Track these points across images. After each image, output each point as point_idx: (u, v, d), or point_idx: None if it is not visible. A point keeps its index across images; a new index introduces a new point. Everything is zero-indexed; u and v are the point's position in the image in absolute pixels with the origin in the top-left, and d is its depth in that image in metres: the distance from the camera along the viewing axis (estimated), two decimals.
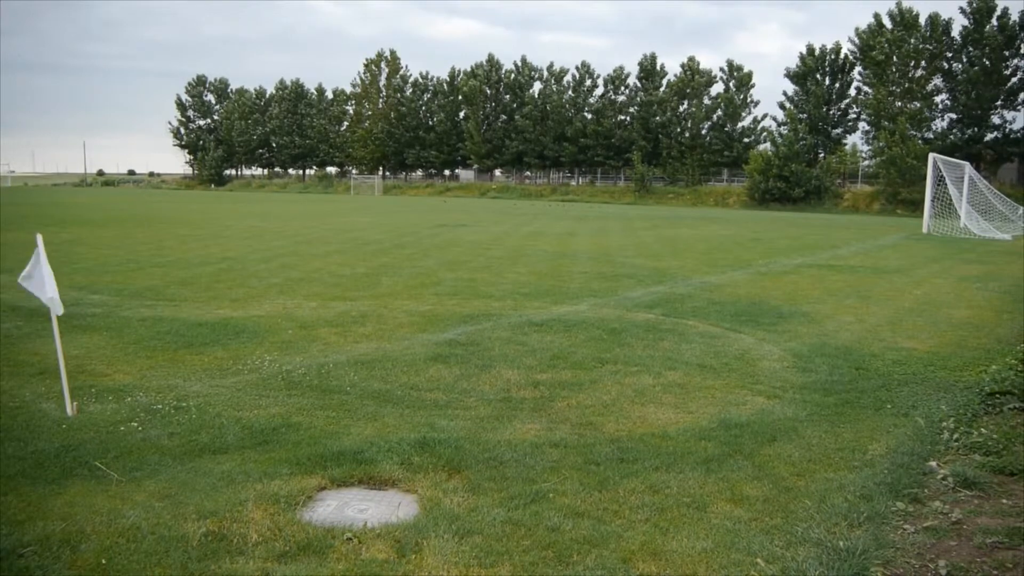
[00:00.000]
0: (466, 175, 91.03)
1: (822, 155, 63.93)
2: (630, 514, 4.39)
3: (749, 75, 70.24)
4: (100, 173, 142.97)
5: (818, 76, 64.06)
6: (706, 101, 70.95)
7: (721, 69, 70.98)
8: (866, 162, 65.82)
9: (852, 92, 64.14)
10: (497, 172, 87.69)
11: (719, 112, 70.46)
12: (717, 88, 71.04)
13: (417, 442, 5.39)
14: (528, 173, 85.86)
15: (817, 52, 64.21)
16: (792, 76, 65.19)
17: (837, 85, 64.38)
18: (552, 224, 31.73)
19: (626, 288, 13.20)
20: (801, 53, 65.03)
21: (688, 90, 70.75)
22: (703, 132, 71.18)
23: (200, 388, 6.82)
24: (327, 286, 12.89)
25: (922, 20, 56.85)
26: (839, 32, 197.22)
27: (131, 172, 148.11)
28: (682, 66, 71.28)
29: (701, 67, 70.81)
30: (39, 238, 6.21)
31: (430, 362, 7.80)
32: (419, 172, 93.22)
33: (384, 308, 10.82)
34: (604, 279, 14.30)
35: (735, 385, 7.18)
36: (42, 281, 6.07)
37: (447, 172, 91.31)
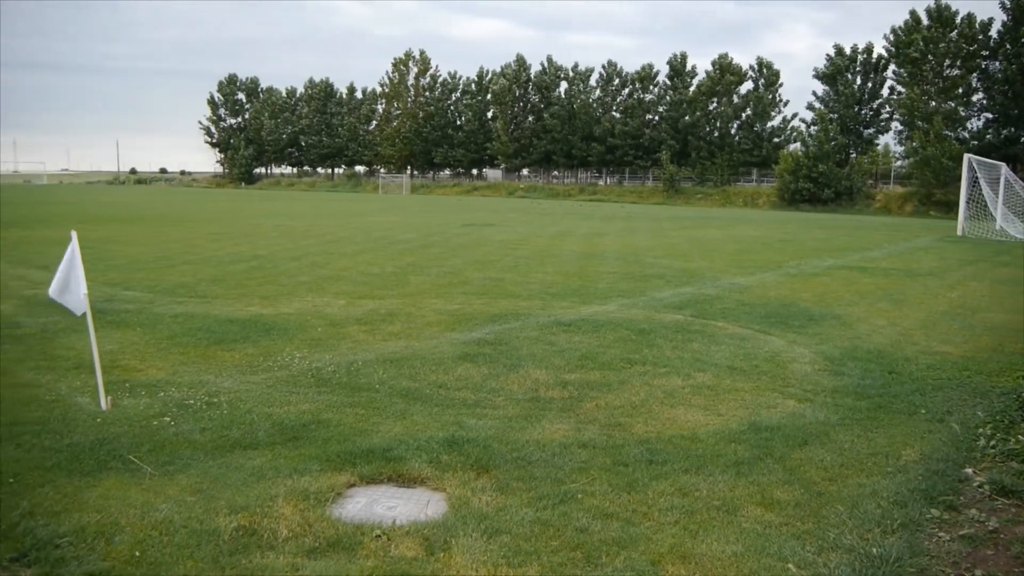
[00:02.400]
0: (493, 174, 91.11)
1: (853, 155, 63.13)
2: (659, 516, 4.36)
3: (778, 74, 69.61)
4: (133, 171, 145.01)
5: (848, 76, 63.26)
6: (735, 100, 70.37)
7: (751, 67, 70.38)
8: (899, 163, 64.96)
9: (885, 92, 63.28)
10: (524, 171, 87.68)
11: (748, 111, 69.85)
12: (746, 87, 70.47)
13: (446, 440, 5.40)
14: (555, 173, 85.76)
15: (848, 52, 63.42)
16: (822, 76, 64.45)
17: (869, 85, 63.52)
18: (580, 224, 31.66)
19: (654, 289, 13.13)
20: (829, 54, 64.29)
21: (718, 88, 70.19)
22: (732, 132, 70.62)
23: (231, 384, 6.89)
24: (356, 284, 12.97)
25: (959, 18, 55.86)
26: (868, 30, 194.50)
27: (163, 170, 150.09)
28: (713, 63, 70.68)
29: (733, 64, 70.10)
30: (74, 235, 6.32)
31: (458, 361, 7.81)
32: (447, 171, 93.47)
33: (412, 307, 10.86)
34: (632, 279, 14.24)
35: (765, 388, 7.11)
36: (74, 281, 6.16)
37: (474, 171, 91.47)
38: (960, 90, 56.39)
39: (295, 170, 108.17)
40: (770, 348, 8.78)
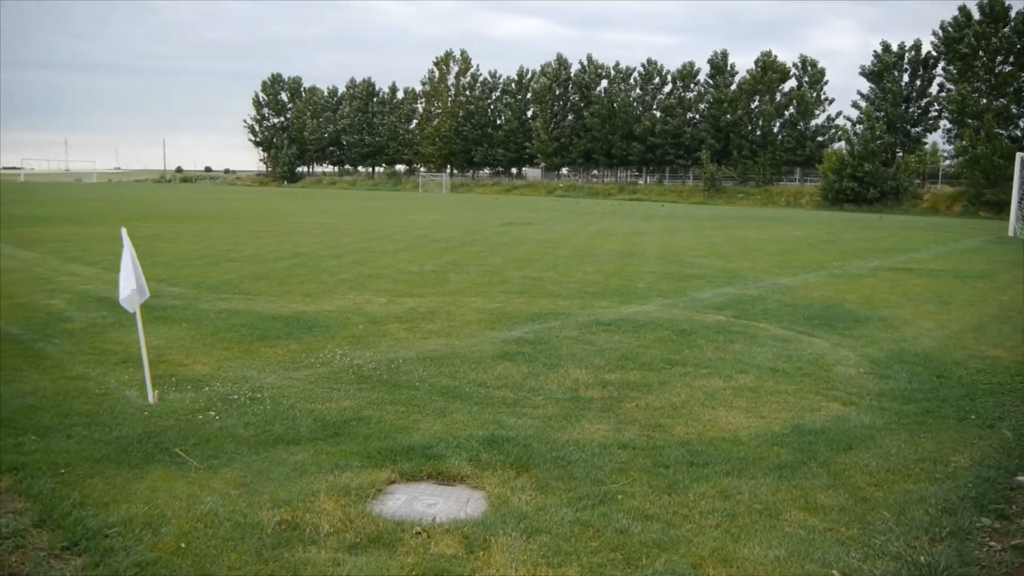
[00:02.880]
0: (533, 173, 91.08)
1: (899, 154, 61.83)
2: (700, 519, 4.32)
3: (822, 71, 68.45)
4: (179, 170, 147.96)
5: (895, 73, 61.98)
6: (778, 98, 69.40)
7: (794, 64, 69.31)
8: (947, 162, 63.35)
9: (933, 89, 61.86)
10: (564, 170, 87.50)
11: (791, 109, 68.84)
12: (789, 85, 69.43)
13: (485, 439, 5.41)
14: (595, 172, 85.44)
15: (895, 48, 62.15)
16: (868, 73, 63.22)
17: (917, 82, 62.17)
18: (619, 223, 31.51)
19: (695, 289, 13.01)
20: (876, 51, 63.05)
21: (760, 86, 69.27)
22: (775, 130, 69.66)
23: (274, 380, 6.99)
24: (396, 282, 13.05)
25: (1013, 12, 54.37)
26: (916, 26, 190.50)
27: (208, 169, 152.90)
28: (756, 61, 69.78)
29: (776, 61, 69.09)
30: (124, 232, 6.45)
31: (498, 360, 7.82)
32: (486, 170, 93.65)
33: (452, 305, 10.91)
34: (672, 279, 14.13)
35: (809, 390, 7.00)
36: (126, 278, 6.28)
37: (514, 170, 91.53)
38: (1012, 87, 54.88)
39: (336, 169, 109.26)
40: (814, 350, 8.65)
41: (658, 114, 75.82)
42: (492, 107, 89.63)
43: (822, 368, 7.82)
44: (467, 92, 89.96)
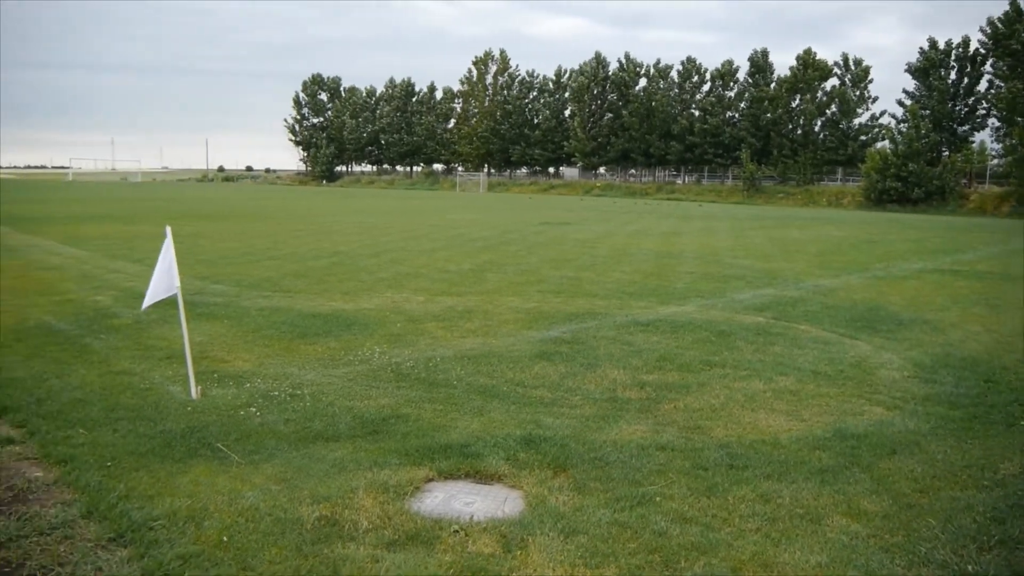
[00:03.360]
0: (570, 173, 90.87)
1: (946, 153, 60.47)
2: (740, 522, 4.27)
3: (866, 70, 67.25)
4: (221, 169, 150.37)
5: (942, 70, 60.64)
6: (820, 96, 68.35)
7: (836, 63, 68.19)
8: (995, 161, 61.78)
9: (982, 87, 60.38)
10: (601, 170, 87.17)
11: (833, 108, 67.77)
12: (831, 83, 68.32)
13: (523, 439, 5.41)
14: (632, 171, 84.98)
15: (942, 45, 60.81)
16: (913, 71, 61.94)
17: (965, 80, 60.75)
18: (657, 223, 31.30)
19: (734, 290, 12.87)
20: (922, 47, 61.76)
21: (801, 84, 68.27)
22: (816, 129, 68.62)
23: (314, 377, 7.06)
24: (434, 281, 13.12)
25: None
26: (964, 23, 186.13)
27: (249, 168, 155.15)
28: (797, 58, 68.77)
29: (817, 59, 68.02)
30: (168, 230, 6.57)
31: (535, 359, 7.82)
32: (523, 169, 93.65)
33: (489, 304, 10.93)
34: (711, 280, 14.00)
35: (851, 394, 6.89)
36: (167, 277, 6.40)
37: (551, 170, 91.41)
38: None
39: (374, 168, 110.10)
40: (856, 353, 8.50)
41: (697, 113, 75.16)
42: (530, 106, 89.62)
43: (865, 371, 7.68)
44: (505, 92, 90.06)
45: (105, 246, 18.07)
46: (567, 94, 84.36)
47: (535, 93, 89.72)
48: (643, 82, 78.60)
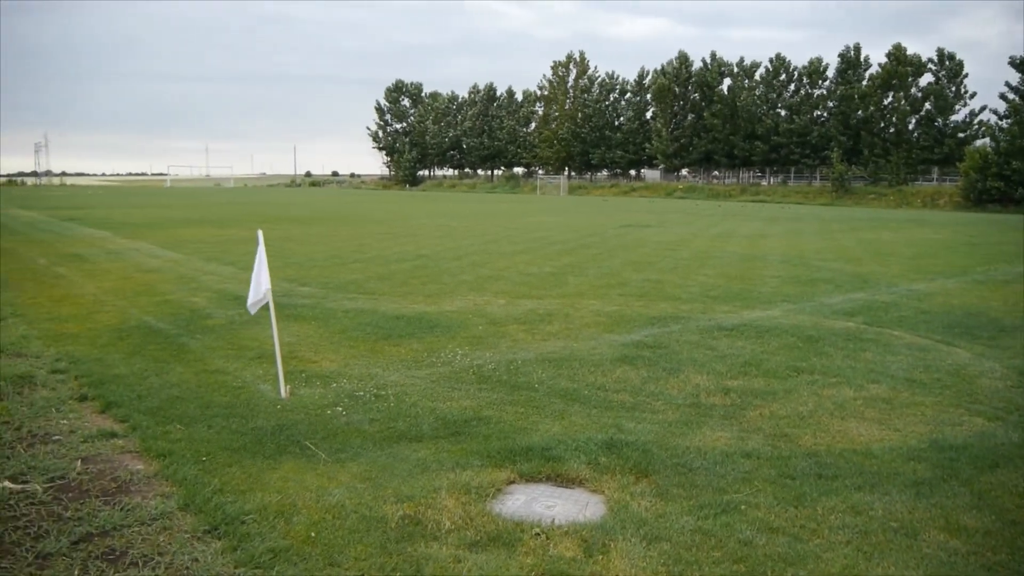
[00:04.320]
0: (652, 175, 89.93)
1: None
2: (829, 534, 4.14)
3: (961, 64, 64.29)
4: (308, 174, 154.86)
5: None
6: (914, 93, 65.66)
7: (930, 59, 65.40)
8: None
9: None
10: (684, 172, 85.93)
11: (928, 105, 65.02)
12: (926, 79, 65.57)
13: (604, 443, 5.38)
14: (716, 173, 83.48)
15: None
16: (1017, 64, 58.81)
17: None
18: (742, 225, 30.65)
19: (823, 294, 12.49)
20: None
21: (894, 81, 65.73)
22: (910, 127, 65.95)
23: (398, 378, 7.19)
24: (515, 284, 13.17)
25: None
26: None
27: (335, 173, 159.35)
28: (888, 55, 66.27)
29: (908, 54, 65.42)
30: (260, 234, 6.79)
31: (617, 363, 7.76)
32: (604, 172, 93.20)
33: (571, 307, 10.90)
34: (798, 283, 13.62)
35: (949, 403, 6.59)
36: (259, 280, 6.61)
37: (632, 172, 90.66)
38: None
39: (456, 172, 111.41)
40: (954, 360, 8.13)
41: (783, 112, 73.27)
42: (611, 109, 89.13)
43: (964, 380, 7.34)
44: (585, 95, 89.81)
45: (200, 249, 18.83)
46: (649, 96, 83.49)
47: (616, 95, 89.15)
48: (727, 81, 77.11)
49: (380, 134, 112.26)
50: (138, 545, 3.97)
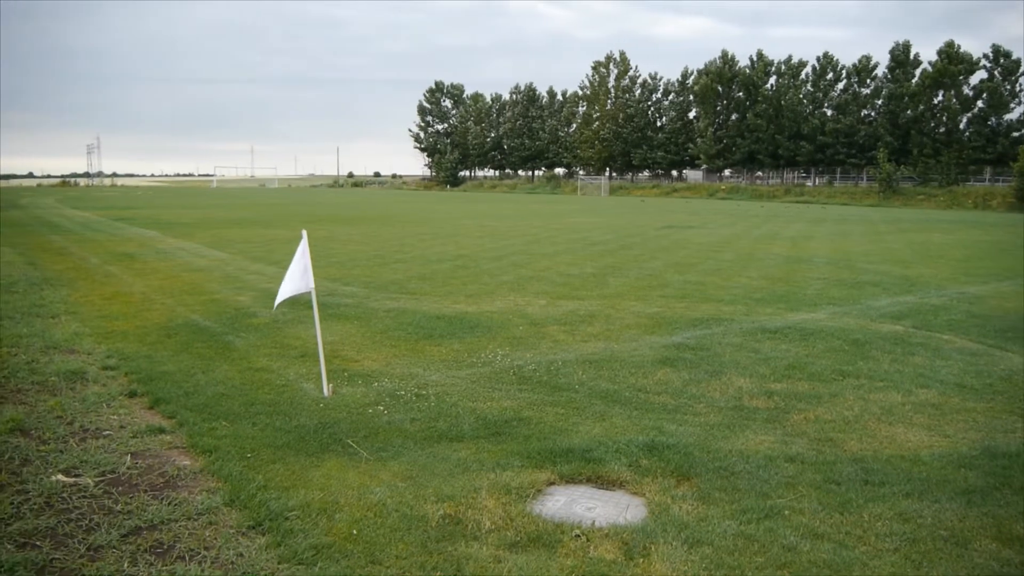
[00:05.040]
0: (694, 175, 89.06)
1: None
2: (876, 541, 4.06)
3: (1017, 62, 62.53)
4: (350, 175, 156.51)
5: None
6: (966, 91, 64.06)
7: (984, 55, 63.76)
8: None
9: None
10: (726, 172, 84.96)
11: (981, 103, 63.37)
12: (978, 76, 63.91)
13: (645, 445, 5.35)
14: (759, 173, 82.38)
15: None
16: None
17: None
18: (786, 227, 30.21)
19: (869, 296, 12.25)
20: None
21: (944, 79, 64.19)
22: (961, 126, 64.34)
23: (438, 378, 7.23)
24: (555, 285, 13.15)
25: None
26: None
27: (376, 174, 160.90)
28: (939, 52, 64.79)
29: (961, 52, 63.83)
30: (304, 234, 6.88)
31: (658, 365, 7.71)
32: (645, 173, 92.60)
33: (611, 308, 10.85)
34: (844, 286, 13.38)
35: (1001, 409, 6.42)
36: (299, 278, 6.69)
37: (674, 173, 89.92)
38: None
39: (497, 173, 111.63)
40: (1007, 366, 7.91)
41: (829, 112, 72.02)
42: (652, 109, 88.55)
43: (1017, 386, 7.14)
44: (626, 95, 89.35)
45: (246, 249, 19.14)
46: (692, 96, 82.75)
47: (659, 95, 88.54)
48: (772, 80, 76.06)
49: (422, 135, 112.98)
50: (185, 539, 4.05)
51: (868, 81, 71.18)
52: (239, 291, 12.33)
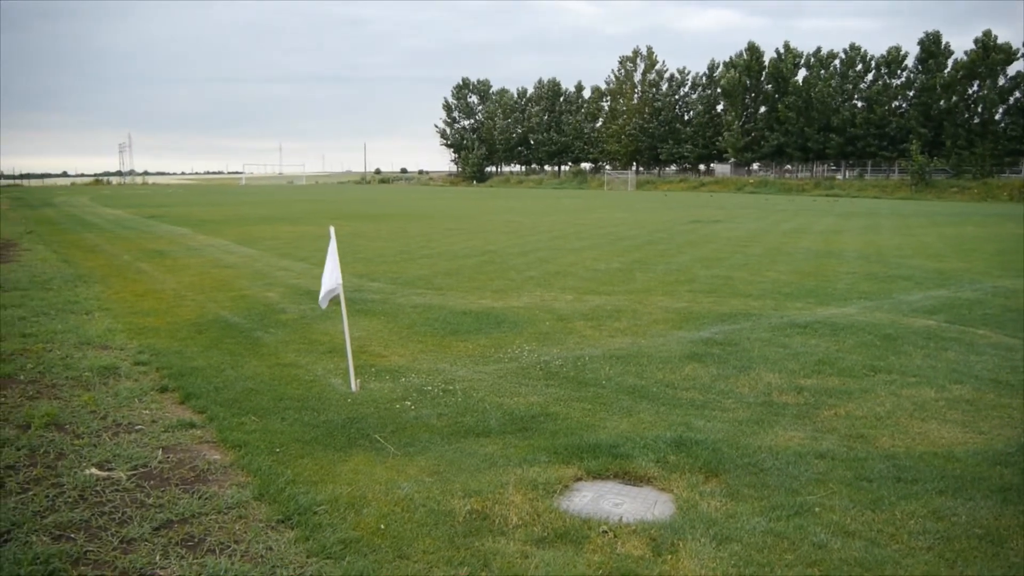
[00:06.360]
0: (722, 169, 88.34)
1: None
2: (909, 539, 4.00)
3: None
4: (377, 171, 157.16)
5: None
6: (1001, 82, 62.81)
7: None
8: None
9: None
10: (755, 166, 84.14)
11: (1018, 93, 62.08)
12: (1015, 67, 62.70)
13: (673, 441, 5.31)
14: (788, 166, 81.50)
15: None
16: None
17: None
18: (815, 220, 29.87)
19: (901, 291, 12.08)
20: None
21: (980, 69, 62.95)
22: (997, 117, 63.11)
23: (465, 373, 7.24)
24: (582, 280, 13.12)
25: None
26: None
27: (403, 170, 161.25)
28: (976, 41, 63.53)
29: (999, 42, 62.59)
30: (332, 231, 6.92)
31: (686, 360, 7.66)
32: (672, 167, 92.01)
33: (638, 304, 10.80)
34: (875, 280, 13.20)
35: None
36: (333, 274, 6.75)
37: (702, 167, 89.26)
38: None
39: (523, 168, 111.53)
40: None
41: (860, 104, 71.00)
42: (680, 103, 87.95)
43: None
44: (653, 89, 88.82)
45: (274, 246, 19.31)
46: (719, 89, 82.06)
47: (686, 89, 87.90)
48: (802, 72, 75.17)
49: (448, 131, 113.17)
50: (215, 533, 4.10)
51: (899, 72, 70.08)
52: (268, 287, 12.44)
